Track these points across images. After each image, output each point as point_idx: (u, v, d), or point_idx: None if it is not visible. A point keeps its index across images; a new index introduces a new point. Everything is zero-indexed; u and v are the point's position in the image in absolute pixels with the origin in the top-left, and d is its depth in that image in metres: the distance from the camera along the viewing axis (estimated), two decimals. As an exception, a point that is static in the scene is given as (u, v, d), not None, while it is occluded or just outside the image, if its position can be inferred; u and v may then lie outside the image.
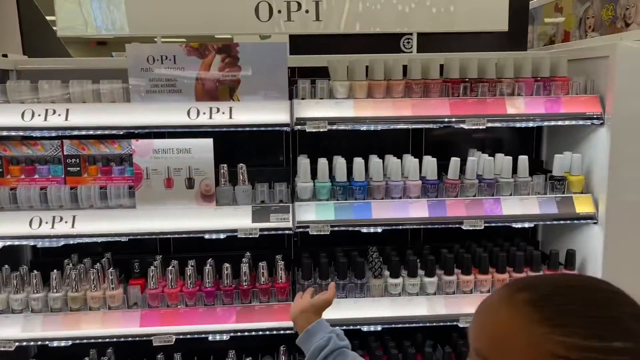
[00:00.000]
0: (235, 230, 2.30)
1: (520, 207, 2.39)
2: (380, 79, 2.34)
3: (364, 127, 2.32)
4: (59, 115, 2.23)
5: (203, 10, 2.77)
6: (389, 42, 3.03)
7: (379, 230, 2.35)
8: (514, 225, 2.39)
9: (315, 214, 2.32)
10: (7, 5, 2.73)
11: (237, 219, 2.33)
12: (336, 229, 2.31)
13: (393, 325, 2.41)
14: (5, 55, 2.62)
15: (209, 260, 2.45)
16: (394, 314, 2.39)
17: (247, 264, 2.43)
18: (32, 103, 2.28)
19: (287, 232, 2.33)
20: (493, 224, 2.37)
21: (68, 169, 2.38)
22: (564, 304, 0.80)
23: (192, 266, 2.42)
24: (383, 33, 2.95)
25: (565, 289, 0.83)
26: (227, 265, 2.41)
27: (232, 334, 2.36)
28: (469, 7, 2.83)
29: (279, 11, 2.82)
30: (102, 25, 2.76)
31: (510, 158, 2.42)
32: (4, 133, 2.22)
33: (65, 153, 2.37)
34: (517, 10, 2.95)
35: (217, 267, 2.43)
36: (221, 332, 2.35)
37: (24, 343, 2.31)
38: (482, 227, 2.34)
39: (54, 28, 3.17)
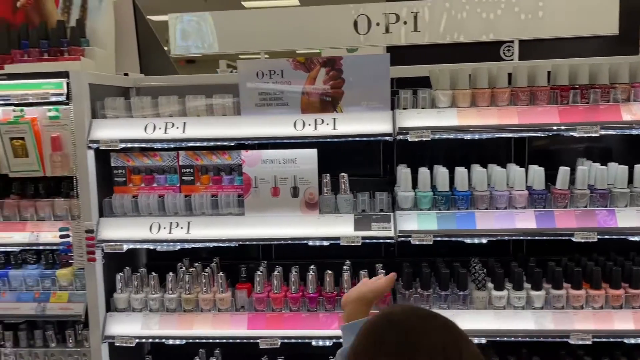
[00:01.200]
0: (338, 238, 2.36)
1: (638, 219, 2.25)
2: (484, 87, 2.31)
3: (467, 136, 2.31)
4: (177, 128, 2.40)
5: (303, 27, 2.90)
6: (487, 51, 2.99)
7: (484, 241, 2.31)
8: (631, 238, 2.26)
9: (417, 223, 2.33)
10: (127, 28, 2.99)
11: (340, 227, 2.38)
12: (439, 239, 2.31)
13: (497, 339, 2.35)
14: (126, 74, 2.87)
15: (312, 267, 2.52)
16: (499, 327, 2.33)
17: (348, 272, 2.48)
18: (152, 117, 2.47)
19: (388, 240, 2.35)
20: (607, 237, 2.26)
21: (183, 178, 2.55)
22: None
23: (295, 272, 2.50)
24: (481, 42, 2.92)
25: None
26: (329, 272, 2.47)
27: (334, 340, 2.41)
28: (576, 12, 2.73)
29: (377, 24, 2.88)
30: (202, 44, 2.97)
31: (625, 167, 2.30)
32: (129, 145, 2.43)
33: (180, 163, 2.55)
34: (628, 12, 2.81)
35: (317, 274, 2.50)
36: (324, 338, 2.41)
37: (143, 340, 2.49)
38: (596, 240, 2.24)
39: (165, 48, 3.44)
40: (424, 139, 2.28)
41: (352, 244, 2.34)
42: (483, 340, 2.35)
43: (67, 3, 2.77)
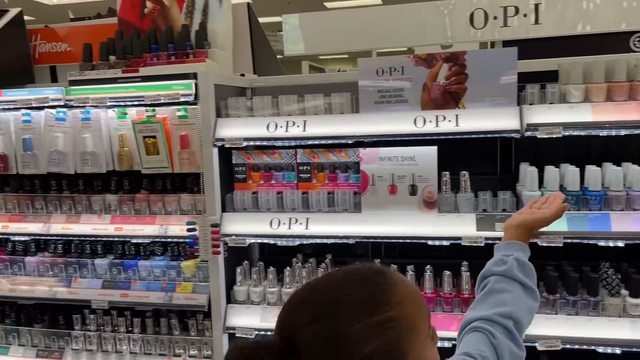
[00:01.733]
0: (459, 238, 2.30)
1: None
2: (622, 81, 2.16)
3: (603, 133, 2.17)
4: (298, 126, 2.45)
5: (410, 23, 2.86)
6: (615, 42, 2.80)
7: (620, 244, 2.17)
8: None
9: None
10: (242, 29, 3.09)
11: (461, 227, 2.32)
12: (569, 241, 2.19)
13: (634, 349, 2.19)
14: (242, 75, 2.97)
15: (428, 267, 2.48)
16: (636, 337, 2.18)
17: (467, 273, 2.41)
18: (272, 116, 2.54)
19: (513, 241, 2.26)
20: None
21: (300, 175, 2.60)
22: None
23: (412, 272, 2.47)
24: (608, 33, 2.73)
25: None
26: (448, 272, 2.42)
27: (453, 342, 2.35)
28: None
29: (495, 17, 2.78)
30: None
31: None
32: (251, 143, 2.51)
33: (298, 161, 2.60)
34: None
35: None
36: (443, 339, 2.36)
37: (262, 332, 2.57)
38: None
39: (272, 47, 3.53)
40: (554, 136, 2.17)
41: (474, 245, 2.28)
42: (617, 351, 2.20)
43: (190, 8, 2.91)
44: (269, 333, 2.56)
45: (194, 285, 2.67)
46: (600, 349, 2.21)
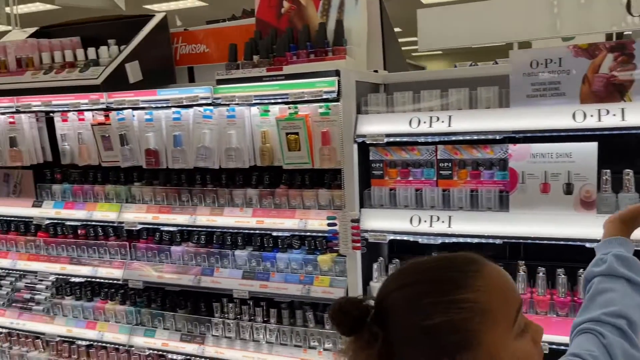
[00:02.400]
0: (622, 241, 2.13)
1: None
2: None
3: None
4: (442, 121, 2.40)
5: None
6: None
7: None
8: None
9: None
10: (374, 25, 3.08)
11: (624, 229, 2.15)
12: None
13: None
14: (375, 71, 2.96)
15: (581, 271, 2.33)
16: None
17: (627, 279, 2.24)
18: (412, 112, 2.51)
19: (686, 247, 2.06)
20: None
21: (440, 172, 2.55)
22: None
23: (563, 275, 2.34)
24: None
25: None
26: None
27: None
28: None
29: (655, 2, 2.55)
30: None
31: None
32: (391, 139, 2.49)
33: (438, 157, 2.54)
34: None
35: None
36: (600, 349, 2.21)
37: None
38: None
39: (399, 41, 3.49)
40: None
41: (637, 249, 2.10)
42: None
43: (326, 6, 2.94)
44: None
45: (332, 279, 2.71)
46: None
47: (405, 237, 2.53)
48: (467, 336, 0.95)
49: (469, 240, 2.42)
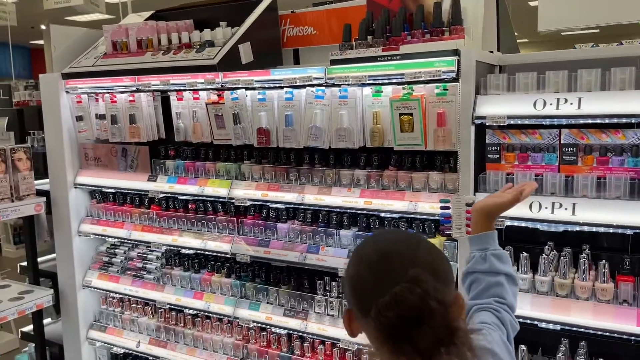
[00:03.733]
0: None
1: None
2: None
3: None
4: (571, 103, 2.28)
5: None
6: None
7: None
8: None
9: None
10: (490, 5, 2.97)
11: None
12: None
13: None
14: (491, 52, 2.86)
15: None
16: None
17: None
18: (538, 93, 2.41)
19: None
20: None
21: (563, 157, 2.43)
22: None
23: (702, 271, 2.17)
24: None
25: None
26: None
27: None
28: None
29: None
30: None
31: None
32: (511, 121, 2.40)
33: (562, 142, 2.43)
34: None
35: None
36: None
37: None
38: None
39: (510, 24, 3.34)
40: None
41: None
42: None
43: (443, -15, 2.87)
44: (520, 320, 2.46)
45: (440, 263, 2.66)
46: None
47: (523, 224, 2.44)
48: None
49: (594, 229, 2.30)
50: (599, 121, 2.26)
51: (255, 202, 3.17)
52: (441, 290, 1.13)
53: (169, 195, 3.44)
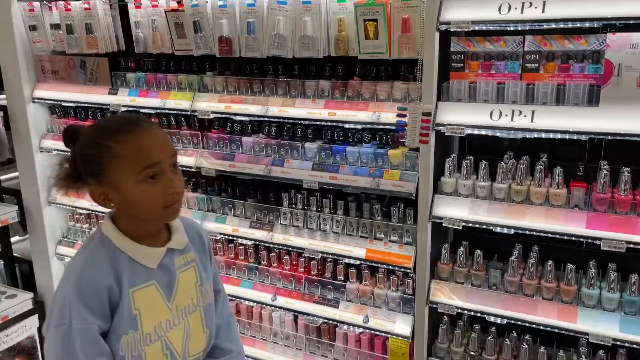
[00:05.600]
0: None
1: None
2: None
3: None
4: (536, 7, 2.24)
5: None
6: None
7: None
8: None
9: None
10: None
11: None
12: None
13: None
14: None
15: (669, 172, 2.23)
16: None
17: None
18: (503, -2, 2.35)
19: None
20: None
21: (526, 65, 2.42)
22: None
23: (650, 175, 2.25)
24: None
25: None
26: (697, 178, 2.16)
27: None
28: None
29: None
30: None
31: None
32: (476, 27, 2.36)
33: (525, 49, 2.41)
34: None
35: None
36: (683, 250, 2.16)
37: (470, 224, 2.55)
38: None
39: None
40: None
41: None
42: None
43: None
44: (477, 225, 2.54)
45: (402, 173, 2.70)
46: None
47: (483, 132, 2.46)
48: (100, 167, 1.46)
49: (551, 135, 2.34)
50: (562, 25, 2.24)
51: (219, 115, 3.12)
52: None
53: (131, 108, 3.36)
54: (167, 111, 3.25)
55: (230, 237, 3.26)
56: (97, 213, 3.73)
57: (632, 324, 2.32)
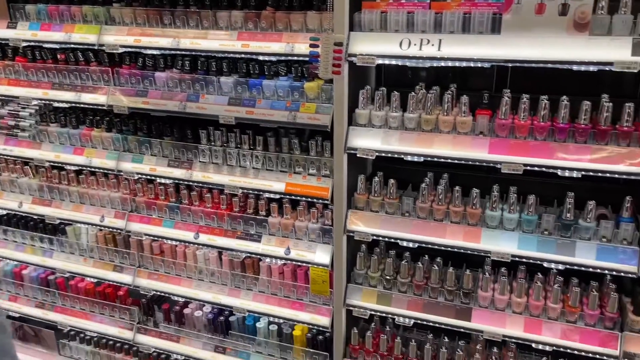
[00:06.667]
0: (610, 64, 2.13)
1: None
2: None
3: None
4: None
5: None
6: None
7: None
8: None
9: None
10: None
11: (613, 51, 2.14)
12: None
13: None
14: None
15: (564, 98, 2.36)
16: None
17: (608, 104, 2.28)
18: None
19: (671, 69, 2.07)
20: None
21: (436, -7, 2.45)
22: None
23: (546, 100, 2.37)
24: None
25: None
26: (587, 102, 2.30)
27: (583, 172, 2.31)
28: None
29: None
30: None
31: None
32: (385, -45, 2.35)
33: (433, -23, 2.43)
34: None
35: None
36: (572, 169, 2.31)
37: (382, 154, 2.62)
38: None
39: None
40: None
41: (627, 71, 2.11)
42: None
43: None
44: (389, 155, 2.62)
45: (317, 105, 2.71)
46: None
47: (394, 62, 2.50)
48: None
49: (457, 64, 2.40)
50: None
51: (129, 50, 2.98)
52: None
53: (33, 44, 3.15)
54: (72, 46, 3.07)
55: (149, 177, 3.20)
56: (5, 157, 3.54)
57: (529, 241, 2.50)
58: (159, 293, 3.39)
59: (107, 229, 3.42)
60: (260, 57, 2.76)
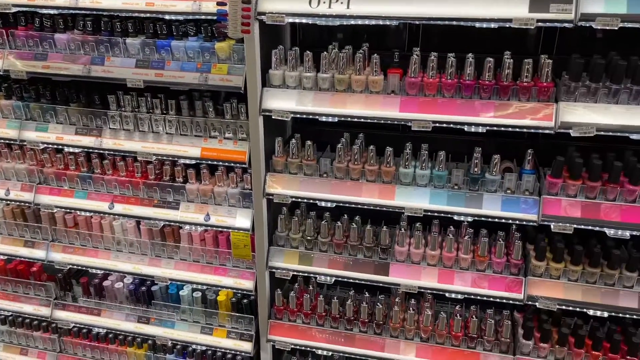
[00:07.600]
0: (509, 20, 2.20)
1: None
2: None
3: None
4: None
5: None
6: None
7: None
8: None
9: (604, 5, 2.10)
10: None
11: (512, 8, 2.20)
12: (628, 25, 2.09)
13: None
14: None
15: (469, 55, 2.42)
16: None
17: (509, 61, 2.36)
18: None
19: (565, 25, 2.16)
20: None
21: (343, -50, 2.41)
22: None
23: (453, 58, 2.42)
24: None
25: None
26: (490, 59, 2.37)
27: (487, 128, 2.39)
28: None
29: None
30: None
31: None
32: None
33: None
34: None
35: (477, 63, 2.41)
36: (478, 125, 2.40)
37: (297, 115, 2.60)
38: None
39: None
40: None
41: (525, 27, 2.18)
42: (651, 140, 2.24)
43: None
44: (304, 116, 2.61)
45: (229, 66, 2.64)
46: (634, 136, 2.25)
47: (304, 20, 2.45)
48: None
49: (367, 22, 2.39)
50: None
51: (22, 9, 2.76)
52: None
53: None
54: (-42, 6, 2.80)
55: (57, 147, 3.03)
56: None
57: (439, 196, 2.59)
58: (76, 267, 3.26)
59: (14, 203, 3.23)
60: (167, 17, 2.64)
